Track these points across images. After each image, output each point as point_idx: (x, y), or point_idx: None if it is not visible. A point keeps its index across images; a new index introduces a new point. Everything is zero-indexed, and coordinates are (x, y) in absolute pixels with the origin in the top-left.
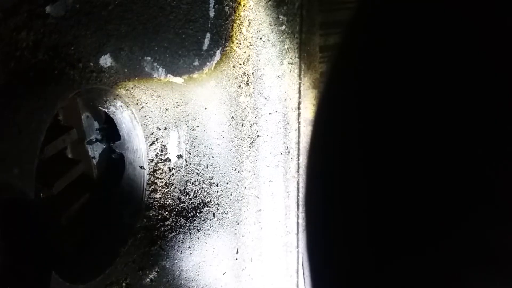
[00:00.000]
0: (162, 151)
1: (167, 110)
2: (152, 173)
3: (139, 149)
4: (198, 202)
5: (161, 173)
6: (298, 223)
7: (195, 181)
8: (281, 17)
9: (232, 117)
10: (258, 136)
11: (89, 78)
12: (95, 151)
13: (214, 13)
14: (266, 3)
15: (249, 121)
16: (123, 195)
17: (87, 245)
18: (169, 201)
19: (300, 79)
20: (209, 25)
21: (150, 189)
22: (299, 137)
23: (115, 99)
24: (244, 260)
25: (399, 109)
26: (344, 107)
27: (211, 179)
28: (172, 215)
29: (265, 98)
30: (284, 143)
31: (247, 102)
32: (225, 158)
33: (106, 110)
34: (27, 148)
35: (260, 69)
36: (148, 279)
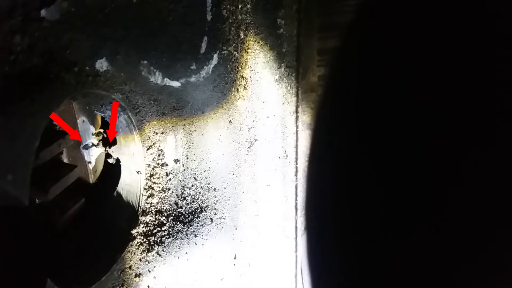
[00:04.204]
0: (159, 155)
1: (164, 114)
2: (149, 177)
3: (136, 153)
4: (196, 207)
5: (158, 177)
6: (296, 227)
7: (192, 185)
8: (278, 20)
9: (230, 121)
10: (256, 140)
11: (85, 82)
12: (91, 155)
13: (211, 16)
14: (263, 6)
15: (247, 125)
16: (120, 200)
17: (83, 251)
18: (166, 206)
19: (298, 82)
20: (207, 29)
21: (147, 194)
22: (297, 140)
23: (111, 103)
24: (242, 265)
25: (398, 111)
26: (342, 110)
27: (208, 184)
28: (169, 220)
29: (263, 102)
30: (282, 147)
31: (245, 105)
32: (222, 163)
33: (102, 115)
34: (21, 154)
35: (257, 72)
36: (145, 286)
